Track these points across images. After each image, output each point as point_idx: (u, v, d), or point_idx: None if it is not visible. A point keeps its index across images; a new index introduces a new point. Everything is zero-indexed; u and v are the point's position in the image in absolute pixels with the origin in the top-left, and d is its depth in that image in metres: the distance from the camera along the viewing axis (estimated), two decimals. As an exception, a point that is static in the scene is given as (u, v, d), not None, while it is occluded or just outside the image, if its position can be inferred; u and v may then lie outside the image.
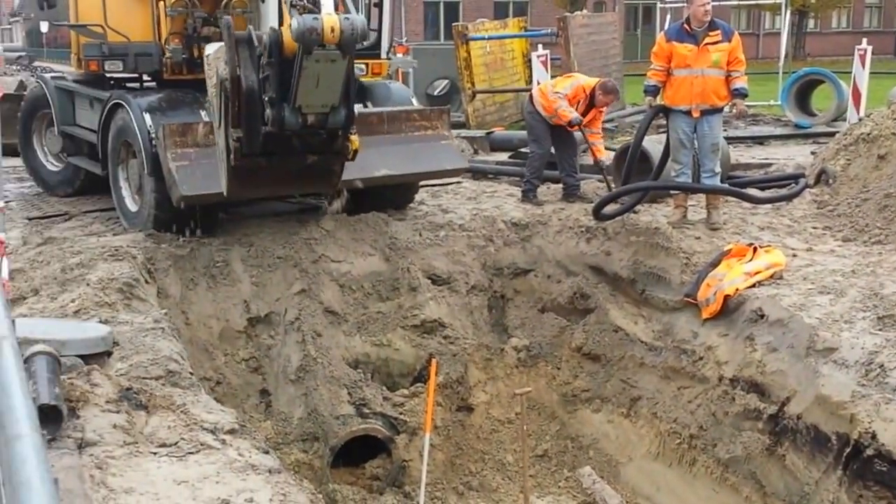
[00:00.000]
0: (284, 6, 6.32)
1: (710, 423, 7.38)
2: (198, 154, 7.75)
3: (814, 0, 38.21)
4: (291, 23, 6.02)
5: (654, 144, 9.87)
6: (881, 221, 8.64)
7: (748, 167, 12.25)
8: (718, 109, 8.88)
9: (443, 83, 19.63)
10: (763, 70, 25.10)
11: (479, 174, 12.15)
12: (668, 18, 20.57)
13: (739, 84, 8.71)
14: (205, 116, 8.14)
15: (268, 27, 6.74)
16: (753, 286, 7.47)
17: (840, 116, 15.49)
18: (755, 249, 7.87)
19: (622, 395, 8.46)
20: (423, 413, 7.99)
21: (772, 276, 7.55)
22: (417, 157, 9.03)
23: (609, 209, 9.05)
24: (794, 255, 8.09)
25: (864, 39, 15.67)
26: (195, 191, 7.73)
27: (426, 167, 9.25)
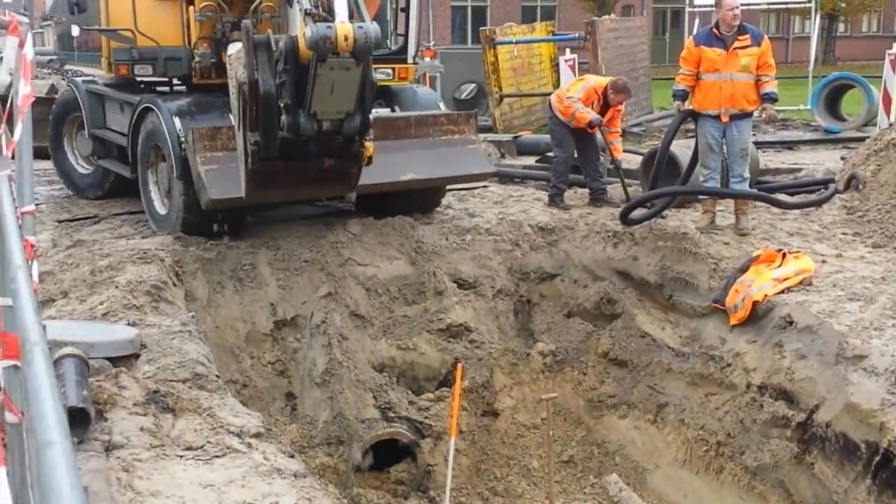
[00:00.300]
0: (300, 14, 6.34)
1: (738, 431, 7.32)
2: (226, 157, 7.78)
3: (844, 4, 37.89)
4: (305, 31, 6.05)
5: (683, 149, 9.82)
6: (912, 227, 8.55)
7: (777, 172, 12.17)
8: (748, 114, 8.82)
9: (470, 87, 19.66)
10: (793, 74, 24.92)
11: (506, 178, 12.13)
12: (697, 22, 20.47)
13: (769, 88, 8.65)
14: (233, 120, 8.19)
15: (295, 32, 6.77)
16: (782, 292, 7.41)
17: (870, 121, 15.37)
18: (784, 255, 7.80)
19: (649, 402, 8.41)
20: (449, 417, 7.99)
21: (801, 283, 7.49)
22: (444, 162, 9.04)
23: (636, 214, 9.02)
24: (824, 262, 8.02)
25: (895, 44, 15.52)
26: (224, 194, 7.76)
27: (453, 171, 9.26)
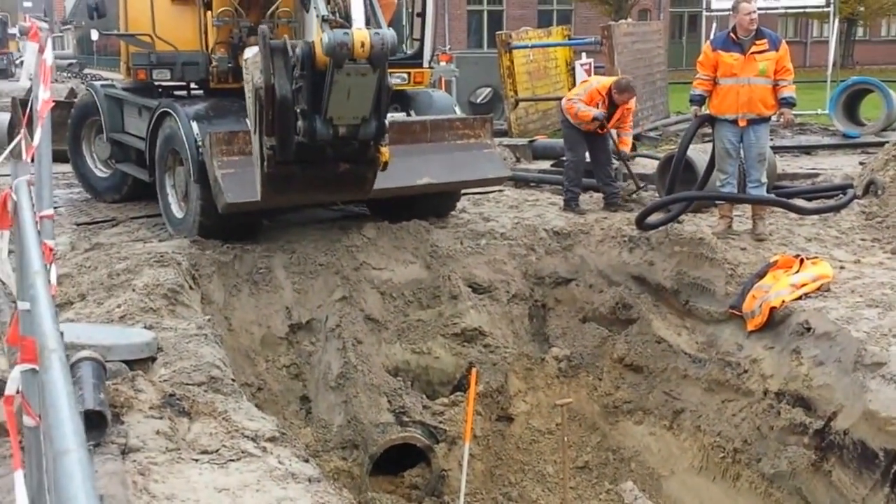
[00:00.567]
0: (317, 20, 6.36)
1: (755, 437, 7.28)
2: (243, 162, 7.81)
3: (863, 8, 37.68)
4: (322, 37, 6.06)
5: (699, 154, 9.80)
6: (931, 234, 8.51)
7: (795, 177, 12.10)
8: (765, 119, 8.78)
9: (485, 91, 19.67)
10: (811, 79, 24.79)
11: (522, 182, 12.13)
12: (714, 27, 20.40)
13: (787, 93, 8.61)
14: (249, 124, 8.22)
15: (311, 37, 6.79)
16: (800, 298, 7.36)
17: (889, 126, 15.27)
18: (802, 261, 7.75)
19: (665, 408, 8.38)
20: (463, 422, 7.98)
21: (819, 289, 7.43)
22: (460, 166, 9.04)
23: (653, 219, 8.99)
24: (842, 267, 7.97)
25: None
26: (241, 198, 7.79)
27: (468, 175, 9.25)
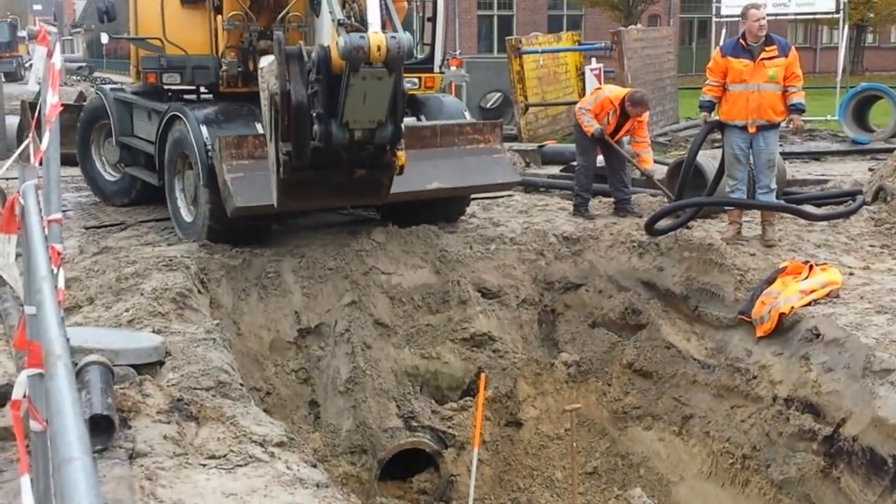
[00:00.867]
0: (333, 25, 6.37)
1: (764, 444, 7.26)
2: (253, 166, 7.82)
3: (873, 14, 37.60)
4: (339, 41, 6.07)
5: (709, 160, 9.77)
6: (941, 240, 8.47)
7: (804, 183, 12.07)
8: (774, 125, 8.75)
9: (495, 96, 19.68)
10: (820, 85, 24.76)
11: (531, 187, 12.11)
12: (724, 33, 20.39)
13: (797, 99, 8.59)
14: (260, 129, 8.23)
15: (322, 42, 6.79)
16: (809, 304, 7.34)
17: (899, 132, 15.24)
18: (811, 267, 7.73)
19: (674, 413, 8.35)
20: (472, 427, 7.97)
21: (828, 295, 7.41)
22: (469, 171, 9.04)
23: (662, 224, 8.97)
24: (851, 274, 7.94)
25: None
26: (250, 202, 7.80)
27: (478, 180, 9.24)
